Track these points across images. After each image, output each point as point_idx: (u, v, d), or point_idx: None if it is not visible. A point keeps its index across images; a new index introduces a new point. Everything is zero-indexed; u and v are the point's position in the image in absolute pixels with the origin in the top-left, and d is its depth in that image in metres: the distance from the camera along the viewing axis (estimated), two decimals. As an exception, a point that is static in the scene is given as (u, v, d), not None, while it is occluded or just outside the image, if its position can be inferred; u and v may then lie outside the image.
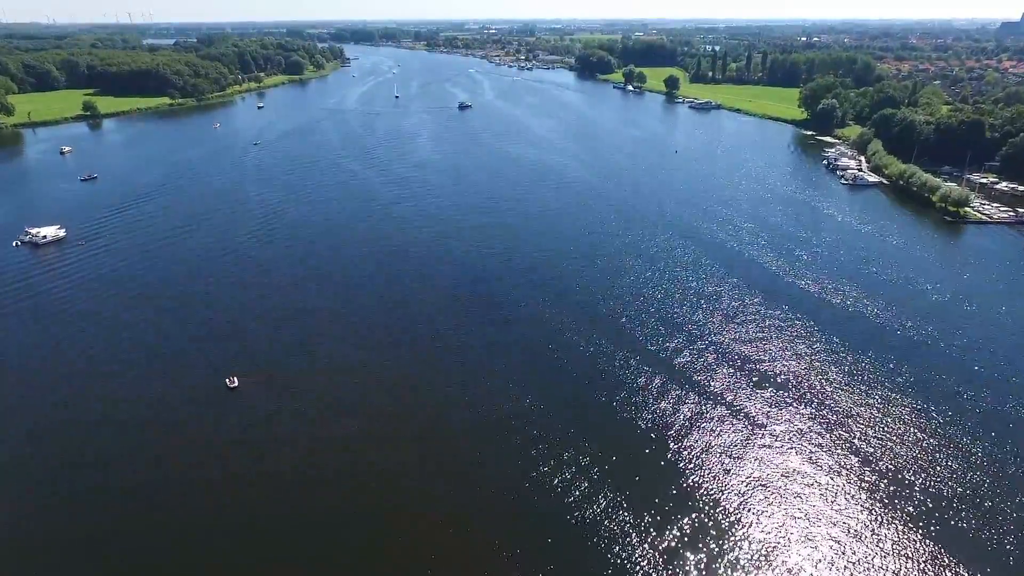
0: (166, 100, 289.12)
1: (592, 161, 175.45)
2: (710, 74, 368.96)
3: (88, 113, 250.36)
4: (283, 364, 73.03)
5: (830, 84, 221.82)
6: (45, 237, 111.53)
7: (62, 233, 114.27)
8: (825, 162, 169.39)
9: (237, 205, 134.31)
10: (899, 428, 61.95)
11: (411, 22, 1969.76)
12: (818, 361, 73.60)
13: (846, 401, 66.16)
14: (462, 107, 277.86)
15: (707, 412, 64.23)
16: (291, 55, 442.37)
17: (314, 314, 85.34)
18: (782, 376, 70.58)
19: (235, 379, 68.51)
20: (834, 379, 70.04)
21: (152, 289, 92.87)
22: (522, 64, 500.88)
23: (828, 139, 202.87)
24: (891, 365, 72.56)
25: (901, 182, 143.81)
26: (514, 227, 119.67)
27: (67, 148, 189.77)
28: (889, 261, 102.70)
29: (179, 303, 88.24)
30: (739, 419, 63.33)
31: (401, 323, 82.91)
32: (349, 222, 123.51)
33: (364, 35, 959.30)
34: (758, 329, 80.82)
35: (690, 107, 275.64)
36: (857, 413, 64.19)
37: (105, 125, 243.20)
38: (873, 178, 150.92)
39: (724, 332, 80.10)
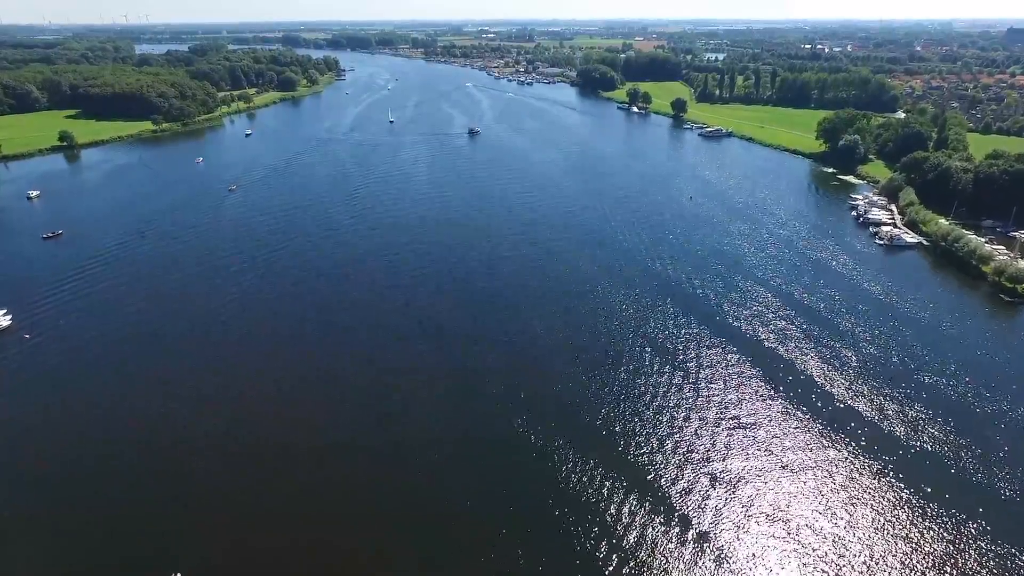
0: (149, 126, 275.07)
1: (599, 209, 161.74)
2: (717, 92, 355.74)
3: (65, 143, 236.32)
4: (243, 558, 59.46)
5: (851, 118, 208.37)
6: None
7: (7, 322, 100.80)
8: (854, 213, 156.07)
9: (204, 278, 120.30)
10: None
11: (409, 23, 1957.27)
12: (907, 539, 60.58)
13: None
14: (471, 133, 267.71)
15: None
16: (284, 71, 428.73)
17: (276, 479, 69.88)
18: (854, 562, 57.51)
19: (179, 580, 55.26)
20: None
21: (94, 420, 78.22)
22: (521, 79, 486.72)
23: (852, 179, 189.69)
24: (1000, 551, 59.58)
25: (944, 244, 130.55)
26: (516, 316, 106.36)
27: (35, 193, 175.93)
28: (949, 363, 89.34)
29: (121, 448, 73.58)
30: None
31: (390, 492, 69.49)
32: (324, 316, 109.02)
33: (361, 42, 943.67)
34: (818, 483, 67.49)
35: (700, 135, 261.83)
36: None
37: (83, 157, 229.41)
38: (911, 237, 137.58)
39: (776, 487, 66.86)
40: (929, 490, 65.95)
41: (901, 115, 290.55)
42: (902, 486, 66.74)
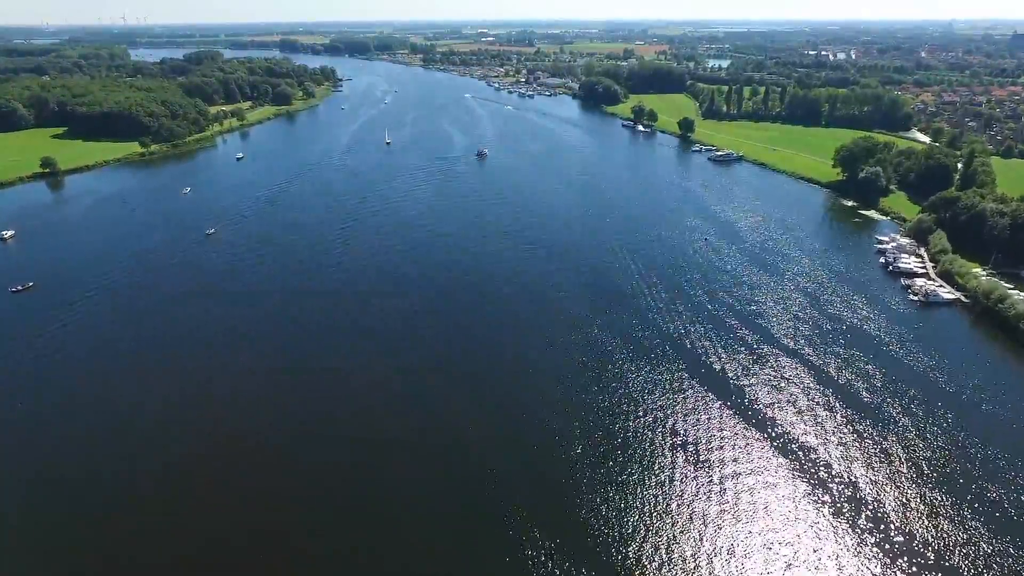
0: (137, 148, 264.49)
1: (615, 261, 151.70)
2: (724, 108, 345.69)
3: (47, 170, 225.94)
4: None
5: (871, 147, 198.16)
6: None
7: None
8: (882, 260, 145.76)
9: (172, 350, 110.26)
10: None
11: (409, 25, 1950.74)
12: None
13: None
14: (479, 155, 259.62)
15: None
16: (279, 83, 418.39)
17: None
18: None
19: None
20: None
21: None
22: (522, 91, 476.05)
23: (875, 215, 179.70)
24: None
25: (987, 302, 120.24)
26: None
27: (9, 233, 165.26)
28: (1013, 467, 79.43)
29: None
30: None
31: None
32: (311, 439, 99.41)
33: (359, 47, 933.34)
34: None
35: (709, 159, 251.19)
36: None
37: (66, 185, 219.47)
38: (948, 293, 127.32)
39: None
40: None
41: (917, 134, 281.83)
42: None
